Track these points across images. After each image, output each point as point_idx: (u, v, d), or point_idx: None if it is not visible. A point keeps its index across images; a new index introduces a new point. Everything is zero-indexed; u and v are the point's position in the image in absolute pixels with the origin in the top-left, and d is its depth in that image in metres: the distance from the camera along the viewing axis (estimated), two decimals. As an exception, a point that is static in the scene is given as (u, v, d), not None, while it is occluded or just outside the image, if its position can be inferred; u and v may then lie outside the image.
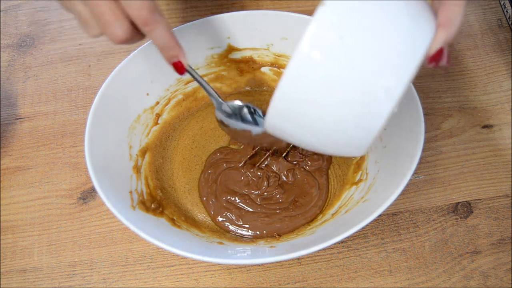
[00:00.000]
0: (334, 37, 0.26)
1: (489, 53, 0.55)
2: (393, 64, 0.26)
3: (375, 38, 0.26)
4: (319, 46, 0.26)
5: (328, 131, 0.29)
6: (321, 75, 0.26)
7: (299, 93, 0.27)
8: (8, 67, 0.56)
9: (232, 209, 0.45)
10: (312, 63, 0.26)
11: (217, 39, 0.49)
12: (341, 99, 0.27)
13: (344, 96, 0.27)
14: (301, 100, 0.28)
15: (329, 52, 0.26)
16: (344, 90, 0.27)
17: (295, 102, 0.28)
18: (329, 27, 0.26)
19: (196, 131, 0.51)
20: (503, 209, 0.46)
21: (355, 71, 0.26)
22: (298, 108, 0.28)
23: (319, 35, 0.26)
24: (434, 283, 0.43)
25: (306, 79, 0.27)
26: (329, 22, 0.26)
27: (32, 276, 0.44)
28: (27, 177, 0.49)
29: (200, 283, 0.43)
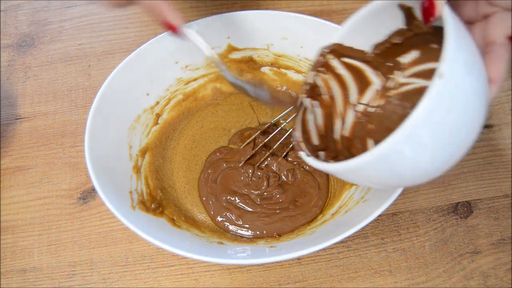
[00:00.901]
0: (444, 110, 0.26)
1: (489, 53, 0.55)
2: (468, 138, 0.29)
3: (462, 118, 0.27)
4: (432, 117, 0.26)
5: (385, 184, 0.32)
6: (422, 142, 0.27)
7: (395, 159, 0.27)
8: (8, 67, 0.56)
9: (232, 209, 0.45)
10: (421, 131, 0.26)
11: (217, 39, 0.49)
12: (425, 162, 0.28)
13: (443, 151, 0.28)
14: (391, 164, 0.28)
15: (437, 125, 0.26)
16: (430, 157, 0.28)
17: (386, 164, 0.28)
18: (442, 100, 0.26)
19: (196, 131, 0.51)
20: (503, 209, 0.46)
21: (446, 144, 0.27)
22: (381, 170, 0.28)
23: (433, 106, 0.26)
24: (434, 283, 0.43)
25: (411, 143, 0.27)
26: (444, 95, 0.26)
27: (32, 276, 0.44)
28: (27, 177, 0.49)
29: (200, 283, 0.43)
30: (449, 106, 0.26)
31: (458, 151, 0.29)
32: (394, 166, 0.28)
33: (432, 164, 0.28)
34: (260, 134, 0.49)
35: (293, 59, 0.50)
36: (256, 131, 0.49)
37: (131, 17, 0.60)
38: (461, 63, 0.26)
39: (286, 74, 0.52)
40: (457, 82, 0.26)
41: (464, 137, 0.28)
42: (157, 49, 0.47)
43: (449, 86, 0.26)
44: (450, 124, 0.27)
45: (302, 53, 0.50)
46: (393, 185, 0.34)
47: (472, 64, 0.28)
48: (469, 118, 0.28)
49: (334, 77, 0.39)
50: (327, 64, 0.38)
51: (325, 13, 0.59)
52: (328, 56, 0.38)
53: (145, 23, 0.59)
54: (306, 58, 0.50)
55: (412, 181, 0.30)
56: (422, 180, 0.30)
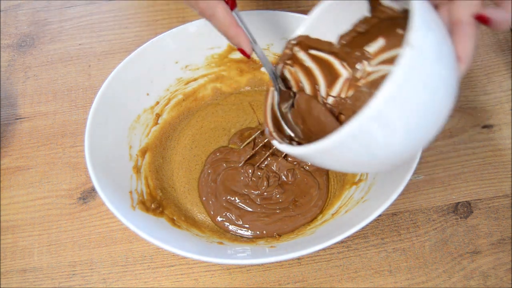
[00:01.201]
0: (416, 83, 0.25)
1: (489, 53, 0.55)
2: (448, 104, 0.28)
3: (443, 84, 0.27)
4: (406, 91, 0.25)
5: (358, 166, 0.31)
6: (393, 118, 0.26)
7: (365, 137, 0.27)
8: (8, 67, 0.56)
9: (232, 209, 0.45)
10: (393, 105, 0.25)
11: (217, 39, 0.49)
12: (413, 134, 0.27)
13: (416, 130, 0.27)
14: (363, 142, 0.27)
15: (408, 94, 0.26)
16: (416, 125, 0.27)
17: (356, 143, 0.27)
18: (415, 72, 0.25)
19: (196, 131, 0.51)
20: (503, 209, 0.46)
21: (417, 122, 0.27)
22: (354, 151, 0.28)
23: (405, 79, 0.25)
24: (434, 283, 0.43)
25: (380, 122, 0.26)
26: (416, 66, 0.25)
27: (32, 276, 0.44)
28: (27, 177, 0.49)
29: (200, 283, 0.43)
30: (418, 80, 0.25)
31: (429, 129, 0.28)
32: (366, 146, 0.27)
33: (403, 143, 0.27)
34: (260, 134, 0.49)
35: (293, 59, 0.50)
36: (256, 131, 0.49)
37: (131, 17, 0.60)
38: (430, 34, 0.26)
39: (286, 74, 0.52)
40: (426, 54, 0.25)
41: (436, 115, 0.27)
42: (157, 49, 0.47)
43: (418, 57, 0.25)
44: (420, 100, 0.26)
45: (302, 53, 0.49)
46: (370, 167, 0.33)
47: (441, 39, 0.27)
48: (440, 95, 0.27)
49: (302, 70, 0.39)
50: (294, 56, 0.38)
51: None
52: (295, 49, 0.38)
53: (145, 23, 0.59)
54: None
55: (386, 162, 0.29)
56: (396, 161, 0.29)
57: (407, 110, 0.26)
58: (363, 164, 0.30)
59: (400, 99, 0.25)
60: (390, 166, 0.31)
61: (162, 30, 0.48)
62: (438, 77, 0.27)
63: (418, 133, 0.28)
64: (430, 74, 0.26)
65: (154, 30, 0.58)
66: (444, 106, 0.28)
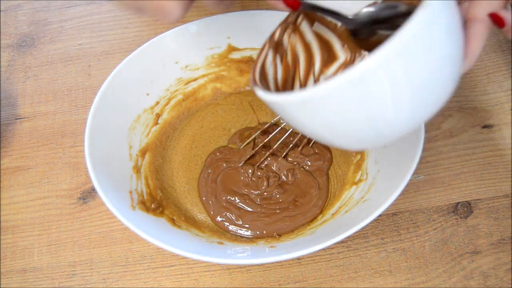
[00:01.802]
0: (414, 55, 0.24)
1: (489, 53, 0.55)
2: (434, 97, 0.28)
3: (437, 69, 0.26)
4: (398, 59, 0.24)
5: (350, 132, 0.29)
6: (382, 86, 0.25)
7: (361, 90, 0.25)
8: (8, 67, 0.56)
9: (231, 209, 0.45)
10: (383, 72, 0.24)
11: (217, 39, 0.49)
12: (398, 104, 0.26)
13: (402, 102, 0.26)
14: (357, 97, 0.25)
15: (402, 67, 0.25)
16: (390, 105, 0.26)
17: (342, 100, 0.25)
18: (415, 43, 0.24)
19: (196, 131, 0.51)
20: (503, 209, 0.46)
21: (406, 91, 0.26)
22: (340, 108, 0.26)
23: (404, 48, 0.24)
24: (434, 283, 0.43)
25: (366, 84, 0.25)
26: (418, 39, 0.24)
27: (32, 276, 0.44)
28: (27, 177, 0.49)
29: (200, 283, 0.43)
30: (430, 41, 0.24)
31: (432, 102, 0.27)
32: (365, 100, 0.25)
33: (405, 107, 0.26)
34: (260, 134, 0.49)
35: (293, 59, 0.50)
36: (256, 131, 0.49)
37: (131, 17, 0.60)
38: (446, 7, 0.25)
39: (286, 74, 0.52)
40: (441, 21, 0.25)
41: (440, 88, 0.27)
42: (157, 49, 0.47)
43: (434, 16, 0.24)
44: (428, 64, 0.25)
45: (302, 53, 0.49)
46: (362, 133, 0.29)
47: (455, 19, 0.26)
48: (446, 70, 0.26)
49: (301, 42, 0.38)
50: (296, 26, 0.37)
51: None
52: (299, 18, 0.36)
53: (145, 23, 0.59)
54: (306, 58, 0.50)
55: (383, 127, 0.28)
56: (393, 129, 0.28)
57: (415, 70, 0.25)
58: (355, 128, 0.28)
59: (410, 54, 0.24)
60: (384, 137, 0.29)
61: (162, 30, 0.48)
62: (446, 51, 0.26)
63: (421, 101, 0.27)
64: (440, 42, 0.25)
65: (154, 30, 0.58)
66: (448, 83, 0.27)
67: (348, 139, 0.30)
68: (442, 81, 0.27)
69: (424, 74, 0.26)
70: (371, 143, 0.32)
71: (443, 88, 0.28)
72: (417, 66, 0.25)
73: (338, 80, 0.24)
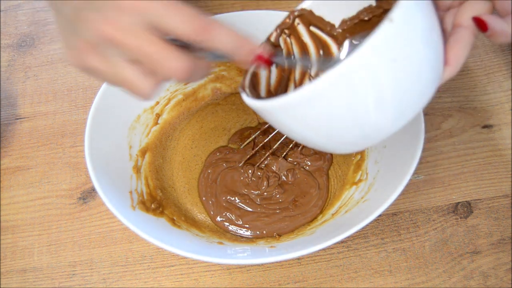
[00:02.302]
0: (389, 58, 0.26)
1: (489, 53, 0.55)
2: (413, 100, 0.28)
3: (411, 72, 0.27)
4: (374, 60, 0.25)
5: (341, 136, 0.30)
6: (363, 84, 0.26)
7: (334, 95, 0.26)
8: (8, 67, 0.56)
9: (231, 209, 0.45)
10: (361, 72, 0.26)
11: (217, 39, 0.49)
12: (371, 110, 0.27)
13: (374, 108, 0.27)
14: (332, 101, 0.26)
15: (379, 68, 0.26)
16: (375, 103, 0.27)
17: (325, 101, 0.26)
18: (389, 46, 0.25)
19: (196, 131, 0.51)
20: (503, 209, 0.46)
21: (389, 92, 0.27)
22: (324, 109, 0.27)
23: (379, 50, 0.25)
24: (434, 283, 0.43)
25: (349, 83, 0.26)
26: (391, 42, 0.25)
27: (32, 276, 0.44)
28: (27, 177, 0.49)
29: (200, 283, 0.43)
30: (394, 55, 0.25)
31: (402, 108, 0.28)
32: (348, 99, 0.26)
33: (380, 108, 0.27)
34: (260, 134, 0.49)
35: (293, 59, 0.50)
36: (256, 130, 0.49)
37: (131, 17, 0.59)
38: (418, 19, 0.26)
39: (286, 74, 0.52)
40: (408, 36, 0.25)
41: (408, 96, 0.27)
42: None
43: (397, 34, 0.25)
44: (392, 73, 0.26)
45: (302, 53, 0.49)
46: (346, 133, 0.30)
47: (428, 30, 0.27)
48: (414, 81, 0.27)
49: (297, 44, 0.38)
50: (293, 27, 0.37)
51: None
52: (296, 20, 0.37)
53: None
54: (306, 58, 0.50)
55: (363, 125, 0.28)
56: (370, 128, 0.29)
57: (379, 77, 0.26)
58: (339, 127, 0.29)
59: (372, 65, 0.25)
60: (364, 138, 0.30)
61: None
62: (420, 60, 0.27)
63: (393, 104, 0.27)
64: (408, 53, 0.26)
65: (154, 30, 0.58)
66: (419, 93, 0.28)
67: (331, 142, 0.31)
68: (412, 89, 0.27)
69: (391, 81, 0.26)
70: (351, 145, 0.33)
71: (419, 93, 0.28)
72: (385, 71, 0.26)
73: (313, 85, 0.25)
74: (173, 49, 0.27)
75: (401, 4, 0.25)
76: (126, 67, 0.27)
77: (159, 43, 0.26)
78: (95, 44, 0.27)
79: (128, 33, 0.26)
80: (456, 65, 0.29)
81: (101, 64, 0.28)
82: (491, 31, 0.29)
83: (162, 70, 0.27)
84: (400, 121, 0.29)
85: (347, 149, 0.34)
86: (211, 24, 0.26)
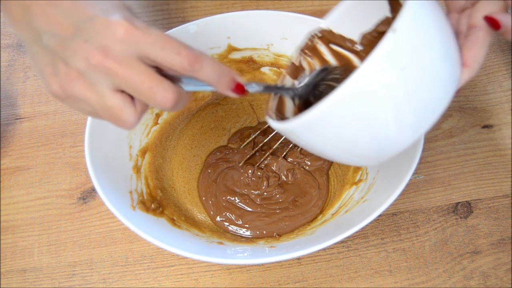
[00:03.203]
0: (397, 66, 0.26)
1: (489, 53, 0.55)
2: (433, 104, 0.29)
3: (427, 76, 0.27)
4: (383, 71, 0.26)
5: (359, 149, 0.30)
6: (375, 97, 0.26)
7: (349, 109, 0.27)
8: (8, 67, 0.56)
9: (231, 209, 0.45)
10: (372, 84, 0.26)
11: (217, 39, 0.49)
12: (384, 123, 0.28)
13: (388, 121, 0.28)
14: (347, 116, 0.27)
15: (390, 78, 0.26)
16: (388, 116, 0.27)
17: (340, 116, 0.27)
18: (395, 55, 0.26)
19: (196, 130, 0.51)
20: (503, 209, 0.46)
21: (403, 102, 0.27)
22: (339, 124, 0.28)
23: (386, 60, 0.26)
24: (434, 283, 0.43)
25: (361, 97, 0.26)
26: (397, 51, 0.26)
27: (32, 276, 0.44)
28: (27, 177, 0.49)
29: (200, 283, 0.43)
30: (403, 64, 0.26)
31: (419, 116, 0.28)
32: (357, 114, 0.27)
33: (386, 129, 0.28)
34: (260, 134, 0.49)
35: (293, 59, 0.50)
36: (256, 130, 0.49)
37: (131, 17, 0.59)
38: (423, 26, 0.26)
39: (286, 74, 0.52)
40: (414, 43, 0.26)
41: (424, 104, 0.28)
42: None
43: (402, 42, 0.25)
44: (404, 82, 0.26)
45: (302, 53, 0.49)
46: (360, 148, 0.31)
47: (437, 35, 0.27)
48: (429, 86, 0.27)
49: (320, 63, 0.39)
50: (314, 48, 0.38)
51: (325, 13, 0.58)
52: (316, 41, 0.37)
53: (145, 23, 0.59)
54: (306, 58, 0.50)
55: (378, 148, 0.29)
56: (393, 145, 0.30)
57: (392, 88, 0.26)
58: (354, 141, 0.29)
59: (381, 78, 0.26)
60: (383, 152, 0.31)
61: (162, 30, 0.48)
62: (431, 67, 0.27)
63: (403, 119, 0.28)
64: (418, 61, 0.26)
65: (154, 30, 0.58)
66: (433, 99, 0.28)
67: (348, 151, 0.32)
68: (425, 97, 0.28)
69: (403, 91, 0.27)
70: (372, 158, 0.34)
71: (436, 97, 0.28)
72: (396, 80, 0.26)
73: (330, 100, 0.26)
74: (163, 80, 0.27)
75: (404, 13, 0.25)
76: (113, 95, 0.27)
77: (150, 73, 0.27)
78: (82, 72, 0.27)
79: (119, 62, 0.26)
80: (474, 66, 0.29)
81: (87, 91, 0.27)
82: (504, 29, 0.29)
83: (151, 99, 0.27)
84: (420, 125, 0.29)
85: (367, 162, 0.35)
86: (200, 56, 0.27)
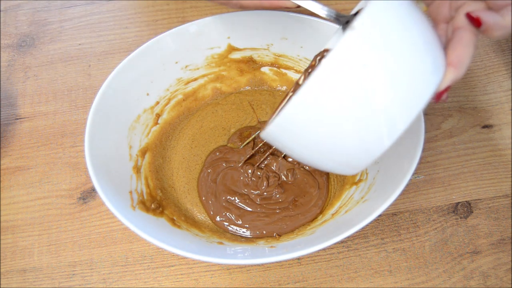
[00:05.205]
0: (358, 63, 0.26)
1: (489, 53, 0.55)
2: (405, 103, 0.28)
3: (394, 73, 0.27)
4: (343, 69, 0.26)
5: (330, 152, 0.30)
6: (338, 96, 0.26)
7: (314, 108, 0.27)
8: (8, 67, 0.56)
9: (231, 209, 0.45)
10: (333, 84, 0.26)
11: (217, 39, 0.49)
12: (351, 123, 0.28)
13: (355, 121, 0.27)
14: (314, 116, 0.27)
15: (351, 76, 0.26)
16: (356, 116, 0.27)
17: (307, 117, 0.27)
18: (355, 52, 0.26)
19: (196, 130, 0.51)
20: (503, 209, 0.46)
21: (370, 101, 0.27)
22: (308, 124, 0.28)
23: (345, 58, 0.26)
24: (434, 283, 0.43)
25: (324, 96, 0.26)
26: (356, 48, 0.26)
27: (32, 276, 0.44)
28: (27, 177, 0.49)
29: (200, 283, 0.43)
30: (364, 61, 0.26)
31: (391, 112, 0.28)
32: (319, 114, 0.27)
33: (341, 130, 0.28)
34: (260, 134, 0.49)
35: (293, 59, 0.50)
36: (256, 130, 0.49)
37: (131, 17, 0.60)
38: (384, 24, 0.26)
39: (286, 74, 0.52)
40: (375, 40, 0.26)
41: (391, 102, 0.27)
42: (157, 49, 0.47)
43: (361, 39, 0.25)
44: (367, 79, 0.26)
45: (302, 53, 0.50)
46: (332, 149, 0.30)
47: (404, 31, 0.27)
48: (397, 83, 0.27)
49: None
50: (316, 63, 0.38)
51: (325, 13, 0.59)
52: (319, 61, 0.38)
53: (145, 23, 0.59)
54: (306, 58, 0.50)
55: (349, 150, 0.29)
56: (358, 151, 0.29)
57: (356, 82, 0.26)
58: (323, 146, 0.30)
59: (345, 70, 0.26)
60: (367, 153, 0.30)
61: (162, 30, 0.48)
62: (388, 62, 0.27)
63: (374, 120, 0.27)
64: (374, 57, 0.26)
65: (154, 30, 0.58)
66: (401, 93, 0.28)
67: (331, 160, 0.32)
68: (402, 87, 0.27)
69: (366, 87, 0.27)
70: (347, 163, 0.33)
71: (408, 94, 0.28)
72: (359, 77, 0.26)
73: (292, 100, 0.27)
74: None
75: (365, 11, 0.25)
76: None
77: None
78: None
79: None
80: (460, 65, 0.29)
81: None
82: (485, 25, 0.29)
83: None
84: (397, 123, 0.29)
85: (344, 169, 0.34)
86: None
